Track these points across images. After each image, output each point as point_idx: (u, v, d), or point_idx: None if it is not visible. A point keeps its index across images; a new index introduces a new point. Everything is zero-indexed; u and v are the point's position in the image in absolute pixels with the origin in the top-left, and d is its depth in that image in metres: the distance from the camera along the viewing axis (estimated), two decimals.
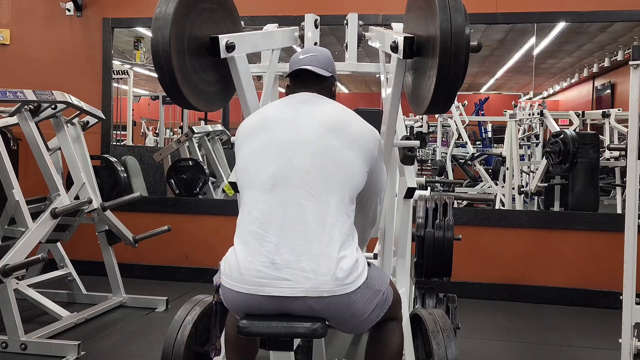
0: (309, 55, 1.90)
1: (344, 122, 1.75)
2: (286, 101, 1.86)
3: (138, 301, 4.15)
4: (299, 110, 1.78)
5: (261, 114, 1.84)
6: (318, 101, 1.82)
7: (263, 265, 1.61)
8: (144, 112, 9.21)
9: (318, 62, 1.88)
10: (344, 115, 1.79)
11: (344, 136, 1.71)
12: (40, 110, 3.81)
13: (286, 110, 1.80)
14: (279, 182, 1.67)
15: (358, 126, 1.77)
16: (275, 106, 1.86)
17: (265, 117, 1.80)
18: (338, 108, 1.82)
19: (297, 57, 1.91)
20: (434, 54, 1.67)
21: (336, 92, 2.00)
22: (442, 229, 2.84)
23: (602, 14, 4.45)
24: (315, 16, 2.63)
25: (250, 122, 1.83)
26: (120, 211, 4.15)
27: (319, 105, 1.80)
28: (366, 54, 3.19)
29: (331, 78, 1.91)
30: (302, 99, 1.83)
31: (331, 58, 1.94)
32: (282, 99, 1.90)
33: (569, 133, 5.07)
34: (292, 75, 1.90)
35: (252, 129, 1.79)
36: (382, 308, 1.76)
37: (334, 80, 1.94)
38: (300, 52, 1.93)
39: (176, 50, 1.87)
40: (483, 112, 8.47)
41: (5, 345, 3.18)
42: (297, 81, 1.89)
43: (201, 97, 2.05)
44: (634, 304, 2.85)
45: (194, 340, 2.16)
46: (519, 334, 3.75)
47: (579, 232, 4.47)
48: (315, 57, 1.89)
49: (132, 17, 5.03)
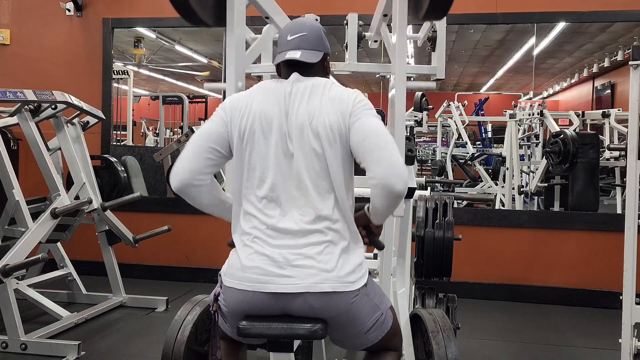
0: (298, 36, 1.75)
1: (323, 114, 1.65)
2: (276, 92, 1.72)
3: (138, 301, 4.15)
4: (290, 106, 1.68)
5: (259, 110, 1.70)
6: (306, 91, 1.70)
7: (264, 263, 1.61)
8: (144, 112, 9.22)
9: (308, 42, 1.75)
10: (323, 104, 1.67)
11: (325, 134, 1.64)
12: (40, 110, 3.81)
13: (277, 103, 1.69)
14: (277, 184, 1.66)
15: (336, 110, 1.65)
16: (267, 98, 1.72)
17: (261, 117, 1.68)
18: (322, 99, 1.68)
19: (285, 37, 1.77)
20: None
21: (329, 66, 1.88)
22: (442, 228, 2.84)
23: (602, 14, 4.45)
24: (315, 16, 2.63)
25: (249, 117, 1.70)
26: (120, 211, 4.15)
27: (308, 96, 1.69)
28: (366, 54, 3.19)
29: (323, 56, 1.79)
30: (294, 91, 1.70)
31: (321, 32, 1.80)
32: (272, 84, 1.76)
33: (569, 133, 5.06)
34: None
35: (251, 130, 1.68)
36: (381, 329, 1.74)
37: (327, 55, 1.83)
38: (289, 30, 1.79)
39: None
40: (483, 112, 8.47)
41: (5, 345, 3.18)
42: (288, 65, 1.77)
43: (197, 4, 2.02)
44: (634, 304, 2.85)
45: (194, 340, 2.16)
46: (519, 334, 3.75)
47: (579, 232, 4.47)
48: (304, 37, 1.75)
49: (132, 17, 5.03)
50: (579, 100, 9.94)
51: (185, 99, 7.54)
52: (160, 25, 5.57)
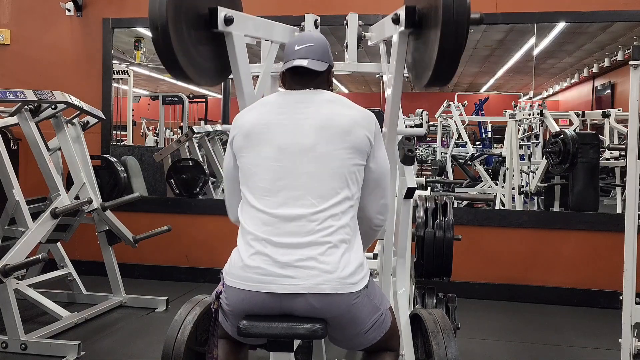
0: (305, 47, 1.84)
1: (337, 121, 1.73)
2: (283, 102, 1.82)
3: (138, 301, 4.15)
4: (297, 114, 1.75)
5: (260, 118, 1.78)
6: (314, 100, 1.79)
7: (266, 264, 1.62)
8: (144, 112, 9.22)
9: (314, 53, 1.83)
10: (336, 110, 1.76)
11: (338, 136, 1.70)
12: (40, 110, 3.81)
13: (284, 113, 1.77)
14: (282, 188, 1.68)
15: (351, 119, 1.74)
16: (273, 108, 1.81)
17: (266, 124, 1.75)
18: (334, 106, 1.78)
19: (292, 47, 1.86)
20: (436, 24, 1.70)
21: (333, 79, 1.97)
22: (442, 228, 2.84)
23: (602, 14, 4.45)
24: (315, 16, 2.63)
25: (249, 125, 1.77)
26: (120, 211, 4.15)
27: (316, 105, 1.77)
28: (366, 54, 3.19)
29: (328, 68, 1.87)
30: (299, 99, 1.79)
31: (327, 45, 1.89)
32: (279, 96, 1.86)
33: (568, 133, 5.06)
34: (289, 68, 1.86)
35: (252, 134, 1.74)
36: (380, 330, 1.75)
37: (331, 68, 1.90)
38: (296, 41, 1.87)
39: (173, 18, 1.87)
40: (483, 112, 8.48)
41: (5, 345, 3.18)
42: (293, 74, 1.85)
43: (197, 69, 2.04)
44: (634, 304, 2.85)
45: (194, 340, 2.16)
46: (519, 334, 3.75)
47: (579, 232, 4.47)
48: (311, 47, 1.83)
49: (132, 17, 5.03)
50: (579, 100, 9.94)
51: (185, 99, 7.55)
52: None
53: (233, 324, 1.71)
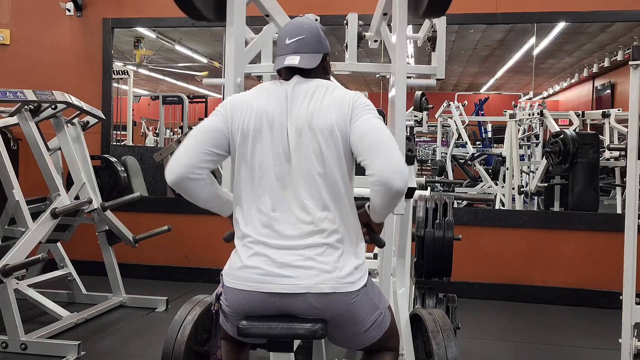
0: (296, 40, 1.74)
1: (324, 113, 1.66)
2: (277, 93, 1.72)
3: (138, 301, 4.15)
4: (292, 107, 1.69)
5: (256, 109, 1.70)
6: (308, 92, 1.70)
7: (265, 264, 1.62)
8: (144, 112, 9.22)
9: (306, 46, 1.74)
10: (325, 102, 1.67)
11: (327, 132, 1.64)
12: (40, 110, 3.81)
13: (279, 103, 1.70)
14: (279, 185, 1.67)
15: (335, 109, 1.65)
16: (269, 99, 1.72)
17: (263, 117, 1.68)
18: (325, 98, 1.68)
19: (283, 41, 1.76)
20: None
21: (330, 66, 1.87)
22: (442, 228, 2.84)
23: (602, 14, 4.45)
24: (315, 16, 2.63)
25: (245, 119, 1.70)
26: (120, 211, 4.15)
27: (310, 98, 1.69)
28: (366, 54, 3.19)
29: (323, 57, 1.78)
30: (297, 92, 1.71)
31: (319, 33, 1.78)
32: (273, 86, 1.76)
33: (568, 133, 5.06)
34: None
35: (248, 128, 1.69)
36: (379, 329, 1.75)
37: (327, 56, 1.82)
38: (287, 33, 1.77)
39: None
40: (483, 112, 8.48)
41: (5, 345, 3.18)
42: (288, 72, 1.77)
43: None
44: (634, 304, 2.85)
45: (194, 340, 2.16)
46: (519, 334, 3.75)
47: (579, 232, 4.47)
48: (303, 40, 1.74)
49: (132, 17, 5.03)
50: (579, 100, 9.94)
51: (185, 99, 7.55)
52: (161, 25, 5.57)
53: (233, 324, 1.71)
